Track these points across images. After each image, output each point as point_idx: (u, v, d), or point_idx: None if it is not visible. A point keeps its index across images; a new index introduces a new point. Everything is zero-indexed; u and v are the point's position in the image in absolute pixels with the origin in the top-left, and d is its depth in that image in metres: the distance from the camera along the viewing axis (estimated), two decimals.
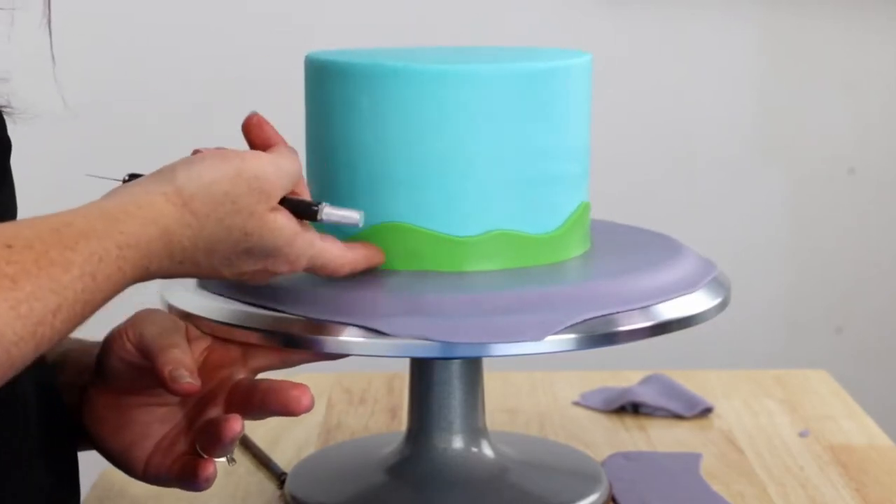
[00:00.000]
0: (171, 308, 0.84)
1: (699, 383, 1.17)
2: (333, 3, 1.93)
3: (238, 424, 0.73)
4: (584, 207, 0.88)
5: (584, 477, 0.93)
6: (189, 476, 0.76)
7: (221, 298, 0.82)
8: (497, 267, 0.83)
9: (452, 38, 1.84)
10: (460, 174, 0.82)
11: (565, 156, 0.86)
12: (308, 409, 0.74)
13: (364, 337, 0.77)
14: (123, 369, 0.78)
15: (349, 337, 0.77)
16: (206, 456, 0.76)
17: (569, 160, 0.86)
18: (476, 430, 0.92)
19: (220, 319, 0.80)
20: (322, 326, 0.77)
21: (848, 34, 2.00)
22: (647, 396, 1.11)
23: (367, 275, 0.82)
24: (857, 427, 1.08)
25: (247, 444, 1.03)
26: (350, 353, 0.78)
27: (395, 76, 0.82)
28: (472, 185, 0.82)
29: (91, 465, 1.08)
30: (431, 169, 0.82)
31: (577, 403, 1.14)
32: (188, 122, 1.90)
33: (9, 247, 0.60)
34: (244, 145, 0.79)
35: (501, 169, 0.83)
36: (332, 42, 1.13)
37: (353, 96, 0.83)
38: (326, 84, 0.85)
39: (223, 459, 0.76)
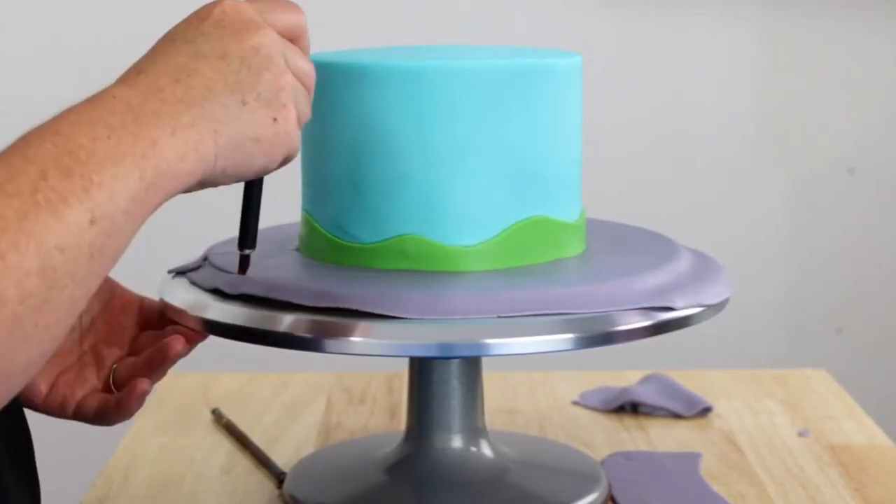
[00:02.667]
0: (167, 306, 0.84)
1: (699, 383, 1.17)
2: (335, 5, 1.93)
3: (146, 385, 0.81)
4: (537, 222, 0.86)
5: (584, 477, 0.93)
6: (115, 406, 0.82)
7: (216, 296, 0.82)
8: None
9: (452, 38, 1.84)
10: (439, 173, 0.82)
11: (550, 162, 0.86)
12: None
13: (363, 337, 0.77)
14: None
15: (349, 337, 0.77)
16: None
17: (555, 168, 0.86)
18: (475, 430, 0.92)
19: (215, 319, 0.80)
20: (322, 325, 0.77)
21: (848, 34, 2.00)
22: (647, 396, 1.11)
23: (363, 274, 0.82)
24: (857, 427, 1.08)
25: (246, 444, 1.03)
26: (350, 353, 0.77)
27: (368, 73, 0.82)
28: (456, 183, 0.83)
29: (91, 465, 1.08)
30: (416, 167, 0.82)
31: (576, 403, 1.14)
32: None
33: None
34: None
35: (484, 167, 0.83)
36: (334, 43, 1.13)
37: (337, 95, 0.83)
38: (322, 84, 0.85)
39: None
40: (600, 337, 0.78)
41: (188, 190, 0.66)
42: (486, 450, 0.92)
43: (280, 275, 0.83)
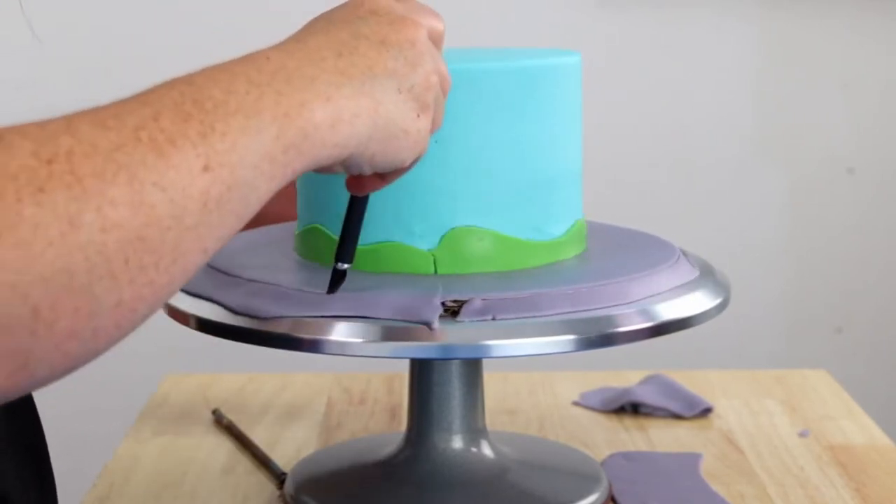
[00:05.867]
0: (170, 308, 0.84)
1: (699, 383, 1.17)
2: (327, 3, 1.92)
3: None
4: (578, 225, 0.88)
5: (584, 477, 0.93)
6: None
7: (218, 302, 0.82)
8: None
9: (450, 38, 1.84)
10: (445, 175, 0.82)
11: (554, 163, 0.86)
12: None
13: (363, 337, 0.77)
14: None
15: (349, 337, 0.77)
16: None
17: (558, 169, 0.86)
18: (476, 431, 0.92)
19: (215, 319, 0.80)
20: (321, 326, 0.77)
21: (846, 34, 2.00)
22: (647, 396, 1.11)
23: (361, 277, 0.82)
24: (857, 427, 1.08)
25: (246, 444, 1.03)
26: (349, 353, 0.77)
27: None
28: (458, 187, 0.82)
29: (90, 465, 1.08)
30: (416, 172, 0.82)
31: (576, 403, 1.14)
32: None
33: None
34: None
35: (489, 170, 0.83)
36: None
37: None
38: None
39: None
40: (601, 338, 0.78)
41: (326, 168, 0.64)
42: (487, 450, 0.92)
43: (281, 277, 0.83)
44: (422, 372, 0.91)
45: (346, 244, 0.78)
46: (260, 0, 1.94)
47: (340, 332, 0.77)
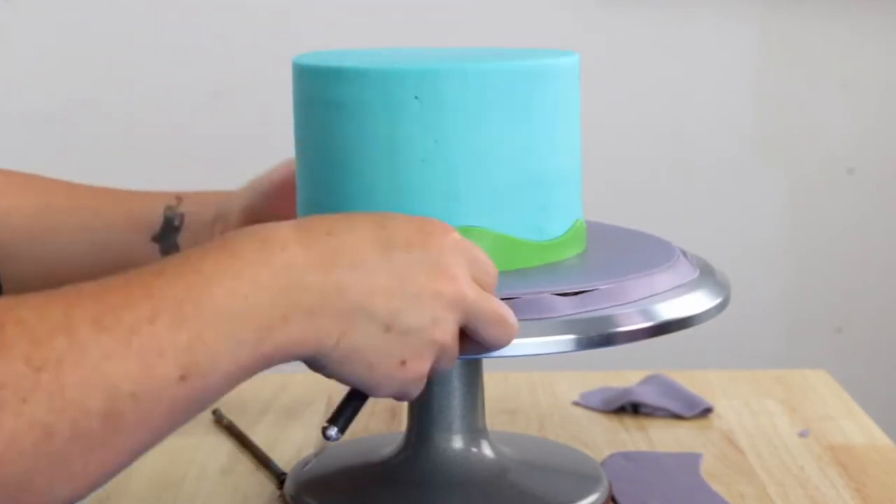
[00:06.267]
0: None
1: (699, 383, 1.17)
2: (326, 3, 1.92)
3: None
4: (579, 225, 0.88)
5: (584, 477, 0.93)
6: None
7: None
8: None
9: (448, 38, 1.84)
10: (444, 176, 0.82)
11: (552, 163, 0.85)
12: None
13: None
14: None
15: None
16: None
17: (556, 169, 0.86)
18: (476, 431, 0.92)
19: None
20: None
21: (846, 34, 2.00)
22: (647, 396, 1.11)
23: None
24: (857, 427, 1.08)
25: (246, 444, 1.03)
26: None
27: (375, 77, 0.82)
28: (457, 187, 0.82)
29: None
30: (415, 172, 0.82)
31: (576, 403, 1.14)
32: (179, 122, 1.90)
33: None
34: (231, 145, 0.79)
35: (487, 170, 0.83)
36: (324, 43, 1.13)
37: (338, 98, 0.83)
38: (313, 87, 0.85)
39: None
40: (601, 338, 0.78)
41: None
42: (487, 450, 0.92)
43: None
44: None
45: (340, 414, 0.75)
46: (260, 1, 1.94)
47: None
